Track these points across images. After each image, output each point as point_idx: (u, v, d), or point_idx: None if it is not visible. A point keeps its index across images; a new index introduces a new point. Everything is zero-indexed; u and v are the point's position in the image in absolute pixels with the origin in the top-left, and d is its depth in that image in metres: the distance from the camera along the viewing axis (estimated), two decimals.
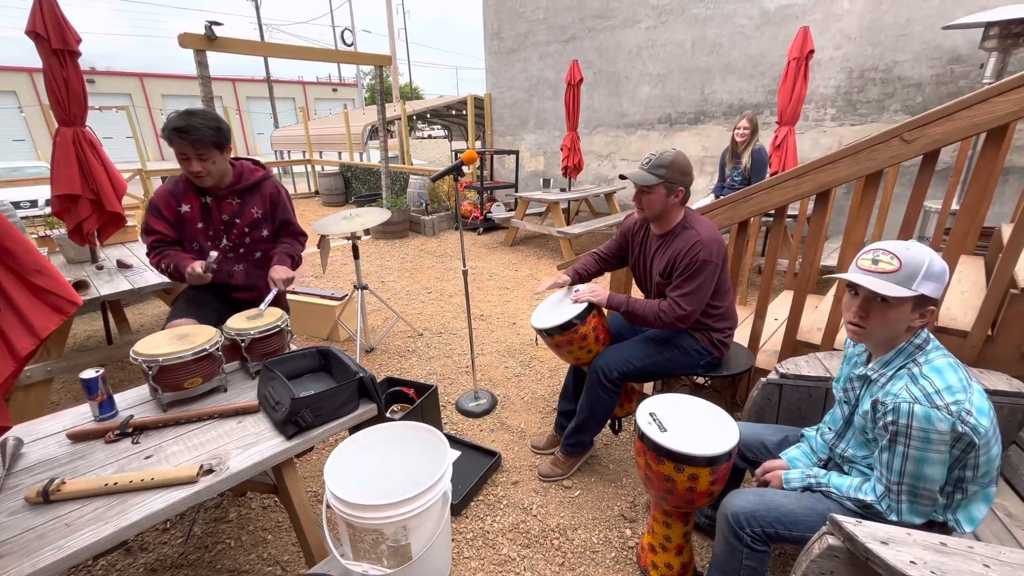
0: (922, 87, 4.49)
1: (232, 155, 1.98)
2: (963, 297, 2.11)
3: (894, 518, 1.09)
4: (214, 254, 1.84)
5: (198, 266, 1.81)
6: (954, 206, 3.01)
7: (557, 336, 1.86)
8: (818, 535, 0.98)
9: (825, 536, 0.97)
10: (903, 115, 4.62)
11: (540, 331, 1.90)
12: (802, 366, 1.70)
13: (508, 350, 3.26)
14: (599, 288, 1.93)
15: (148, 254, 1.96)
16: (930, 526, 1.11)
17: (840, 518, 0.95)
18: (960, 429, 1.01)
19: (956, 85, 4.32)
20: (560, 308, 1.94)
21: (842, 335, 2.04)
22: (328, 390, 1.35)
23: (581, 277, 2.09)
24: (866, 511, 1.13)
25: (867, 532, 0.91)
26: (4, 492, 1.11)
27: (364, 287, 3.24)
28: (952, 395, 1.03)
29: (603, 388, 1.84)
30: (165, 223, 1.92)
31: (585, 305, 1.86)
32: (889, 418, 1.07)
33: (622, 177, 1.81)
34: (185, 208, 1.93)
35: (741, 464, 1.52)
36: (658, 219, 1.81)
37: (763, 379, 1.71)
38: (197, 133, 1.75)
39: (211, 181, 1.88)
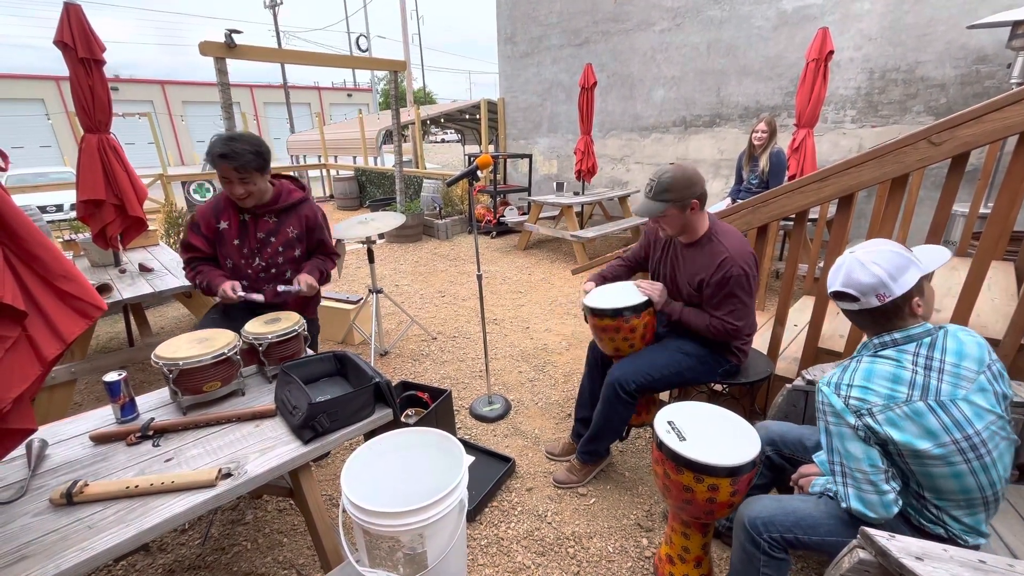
0: (946, 88, 4.38)
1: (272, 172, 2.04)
2: (993, 304, 2.04)
3: (844, 505, 1.12)
4: (259, 297, 1.88)
5: (229, 288, 1.87)
6: (982, 210, 2.93)
7: (607, 320, 1.83)
8: (848, 548, 0.95)
9: (856, 550, 0.94)
10: (926, 116, 4.52)
11: (593, 310, 1.85)
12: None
13: (522, 354, 3.25)
14: (664, 289, 1.90)
15: (184, 268, 2.04)
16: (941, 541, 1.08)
17: (872, 531, 0.92)
18: (853, 421, 1.07)
19: (982, 85, 4.21)
20: (618, 293, 1.92)
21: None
22: (345, 395, 1.35)
23: (606, 279, 2.09)
24: (851, 517, 1.14)
25: (901, 547, 0.87)
26: (29, 493, 1.13)
27: (379, 291, 3.25)
28: (862, 393, 1.08)
29: (620, 400, 1.82)
30: (203, 240, 1.99)
31: (646, 299, 1.83)
32: (816, 395, 1.18)
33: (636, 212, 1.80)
34: (224, 225, 1.98)
35: (778, 460, 1.50)
36: (683, 233, 1.79)
37: (788, 385, 1.68)
38: (240, 159, 1.80)
39: (252, 202, 1.94)
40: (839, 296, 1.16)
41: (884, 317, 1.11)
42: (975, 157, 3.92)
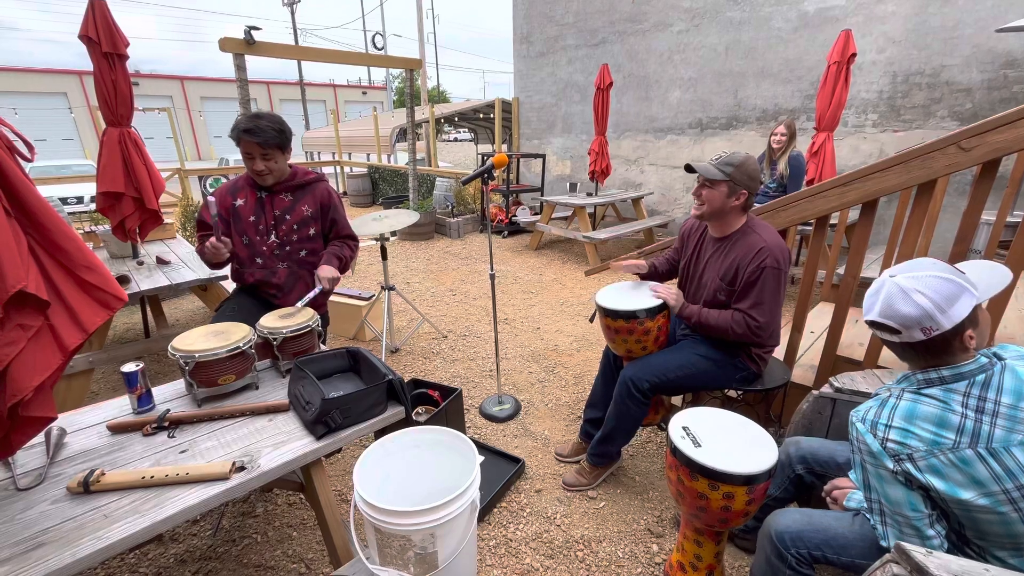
0: (972, 92, 4.28)
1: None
2: (1021, 315, 1.99)
3: (883, 544, 1.05)
4: (212, 200, 1.84)
5: (209, 243, 1.87)
6: (1009, 218, 2.85)
7: (620, 321, 1.81)
8: (881, 562, 0.92)
9: (889, 564, 0.90)
10: (951, 121, 4.42)
11: (606, 311, 1.84)
12: (859, 381, 1.61)
13: (532, 355, 3.23)
14: (679, 293, 1.88)
15: (197, 245, 2.07)
16: None
17: (908, 546, 0.88)
18: (891, 466, 0.99)
19: (1010, 91, 4.11)
20: (631, 295, 1.90)
21: (887, 352, 1.94)
22: (358, 392, 1.35)
23: (656, 270, 2.08)
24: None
25: (939, 563, 0.84)
26: (47, 481, 1.14)
27: (391, 288, 3.26)
28: (902, 436, 0.98)
29: (632, 399, 1.80)
30: (216, 217, 2.00)
31: (660, 302, 1.81)
32: (849, 430, 1.09)
33: (688, 168, 1.74)
34: (240, 202, 2.03)
35: (809, 479, 1.45)
36: (715, 218, 1.76)
37: (815, 392, 1.63)
38: (264, 135, 1.88)
39: (272, 179, 2.00)
40: (877, 327, 1.04)
41: (929, 352, 1.00)
42: (1002, 163, 3.82)
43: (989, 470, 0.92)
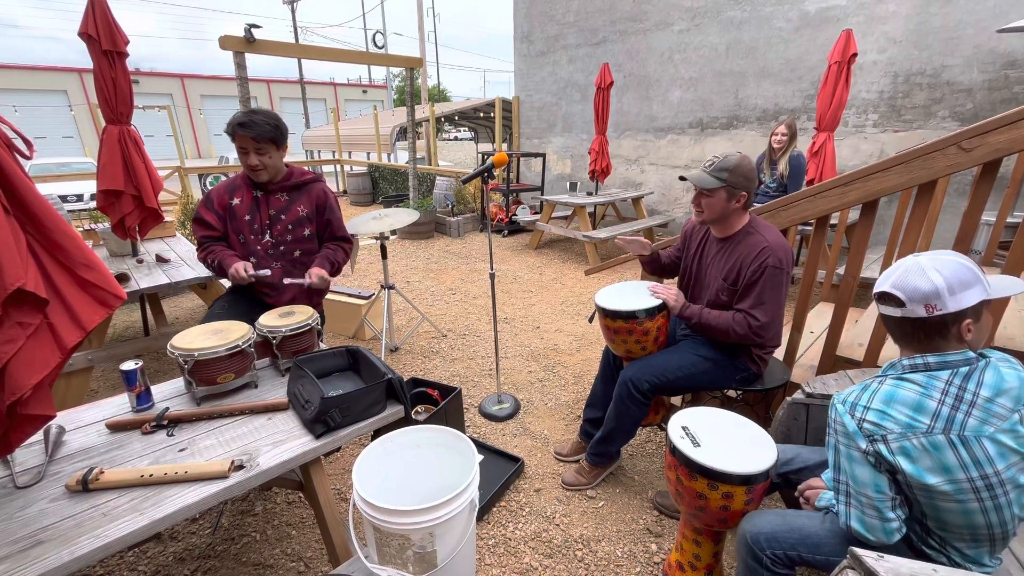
0: (973, 93, 4.28)
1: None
2: (1021, 316, 1.99)
3: (842, 522, 1.07)
4: (267, 272, 1.90)
5: (241, 268, 1.89)
6: (1009, 219, 2.85)
7: (620, 321, 1.81)
8: (838, 569, 0.93)
9: (846, 570, 0.92)
10: (951, 122, 4.42)
11: (605, 311, 1.83)
12: (831, 385, 1.62)
13: (532, 354, 3.23)
14: (680, 293, 1.87)
15: (197, 249, 2.07)
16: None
17: (860, 551, 0.90)
18: (864, 446, 1.01)
19: (1011, 91, 4.11)
20: (631, 295, 1.89)
21: (886, 352, 1.94)
22: (357, 391, 1.35)
23: (660, 258, 2.07)
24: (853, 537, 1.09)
25: (889, 567, 0.86)
26: (46, 479, 1.14)
27: (391, 287, 3.26)
28: (879, 418, 1.00)
29: (632, 400, 1.80)
30: (214, 215, 2.04)
31: (660, 302, 1.81)
32: (829, 411, 1.11)
33: (682, 179, 1.74)
34: (236, 201, 2.04)
35: (784, 482, 1.43)
36: (717, 222, 1.76)
37: (788, 398, 1.64)
38: (258, 129, 1.89)
39: (266, 176, 2.00)
40: (884, 298, 1.05)
41: (925, 333, 1.00)
42: (1003, 164, 3.82)
43: (958, 457, 0.94)
